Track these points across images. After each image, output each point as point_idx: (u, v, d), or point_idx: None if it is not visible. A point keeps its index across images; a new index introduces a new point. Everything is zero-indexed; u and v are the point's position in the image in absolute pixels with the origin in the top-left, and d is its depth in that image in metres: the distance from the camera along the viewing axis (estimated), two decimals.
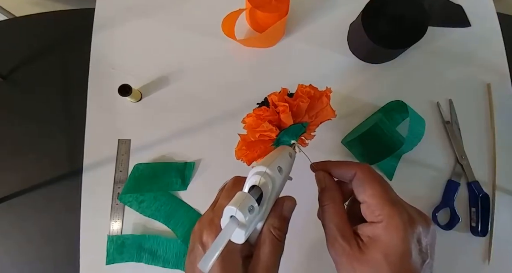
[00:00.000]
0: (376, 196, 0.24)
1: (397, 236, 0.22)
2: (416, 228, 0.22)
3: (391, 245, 0.22)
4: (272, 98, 0.31)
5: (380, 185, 0.24)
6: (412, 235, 0.22)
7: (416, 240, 0.22)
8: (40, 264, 0.46)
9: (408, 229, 0.22)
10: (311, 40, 0.51)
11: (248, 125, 0.31)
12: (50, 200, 0.47)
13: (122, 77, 0.49)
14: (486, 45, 0.53)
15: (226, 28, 0.47)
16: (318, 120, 0.35)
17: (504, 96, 0.51)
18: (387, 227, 0.22)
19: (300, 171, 0.32)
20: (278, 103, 0.30)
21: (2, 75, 0.50)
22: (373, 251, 0.22)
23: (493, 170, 0.48)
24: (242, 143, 0.33)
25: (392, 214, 0.22)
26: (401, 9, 0.45)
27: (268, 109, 0.31)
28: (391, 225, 0.22)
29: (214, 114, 0.48)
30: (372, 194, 0.24)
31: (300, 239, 0.45)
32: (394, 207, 0.23)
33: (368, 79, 0.50)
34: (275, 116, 0.31)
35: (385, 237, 0.22)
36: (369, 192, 0.24)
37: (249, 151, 0.33)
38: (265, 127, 0.30)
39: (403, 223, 0.22)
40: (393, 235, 0.22)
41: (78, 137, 0.47)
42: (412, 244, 0.22)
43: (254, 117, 0.31)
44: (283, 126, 0.32)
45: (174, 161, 0.47)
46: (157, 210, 0.45)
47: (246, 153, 0.33)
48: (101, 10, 0.51)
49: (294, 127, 0.32)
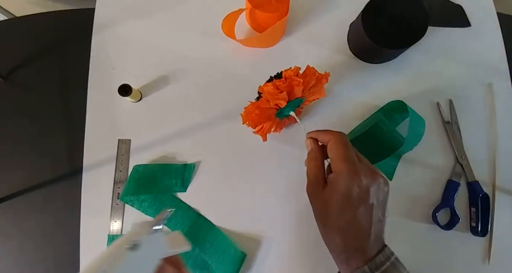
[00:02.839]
0: (337, 155, 0.32)
1: (342, 181, 0.31)
2: (358, 179, 0.31)
3: (339, 186, 0.31)
4: (288, 73, 0.36)
5: (343, 147, 0.33)
6: (352, 182, 0.31)
7: (357, 185, 0.31)
8: (40, 264, 0.46)
9: (351, 178, 0.31)
10: (311, 40, 0.51)
11: (268, 92, 0.37)
12: (50, 200, 0.47)
13: (122, 77, 0.49)
14: (486, 45, 0.53)
15: (226, 28, 0.47)
16: (312, 98, 0.42)
17: (504, 96, 0.51)
18: (338, 176, 0.31)
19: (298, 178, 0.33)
20: (294, 77, 0.36)
21: (2, 75, 0.50)
22: (329, 189, 0.32)
23: (493, 170, 0.48)
24: (250, 109, 0.38)
25: (342, 168, 0.31)
26: (401, 9, 0.45)
27: (285, 81, 0.36)
28: (341, 174, 0.31)
29: (214, 114, 0.48)
30: (335, 153, 0.33)
31: (295, 237, 0.45)
32: (346, 163, 0.31)
33: (368, 79, 0.50)
34: (288, 88, 0.37)
35: (336, 181, 0.32)
36: (333, 152, 0.33)
37: (257, 117, 0.38)
38: (281, 96, 0.36)
39: (348, 174, 0.31)
40: (340, 181, 0.31)
41: (78, 137, 0.47)
42: (353, 187, 0.31)
43: (272, 87, 0.36)
44: (290, 98, 0.38)
45: (175, 161, 0.47)
46: (157, 210, 0.45)
47: (253, 118, 0.38)
48: (101, 10, 0.51)
49: (295, 101, 0.39)
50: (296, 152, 0.47)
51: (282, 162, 0.47)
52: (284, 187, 0.46)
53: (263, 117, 0.39)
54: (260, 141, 0.44)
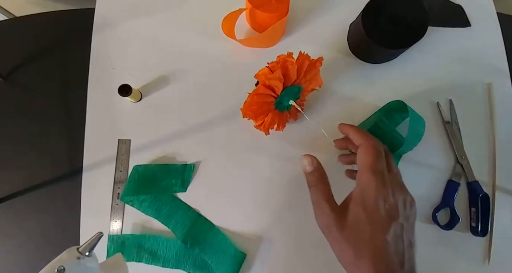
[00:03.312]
0: (366, 163, 0.29)
1: (369, 196, 0.28)
2: (386, 192, 0.28)
3: (366, 202, 0.27)
4: (283, 56, 0.37)
5: (373, 156, 0.29)
6: (379, 196, 0.27)
7: (384, 200, 0.27)
8: (40, 264, 0.46)
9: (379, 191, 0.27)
10: (311, 40, 0.51)
11: (262, 73, 0.37)
12: (50, 200, 0.47)
13: (122, 77, 0.49)
14: (486, 45, 0.53)
15: (226, 28, 0.47)
16: (310, 87, 0.42)
17: (504, 96, 0.51)
18: (364, 189, 0.28)
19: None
20: (287, 58, 0.37)
21: (2, 75, 0.50)
22: (353, 206, 0.28)
23: (493, 170, 0.48)
24: (250, 102, 0.38)
25: (370, 179, 0.28)
26: (401, 9, 0.45)
27: (278, 62, 0.37)
28: (368, 187, 0.28)
29: (214, 114, 0.48)
30: (364, 161, 0.29)
31: (295, 237, 0.45)
32: (374, 174, 0.28)
33: (368, 79, 0.50)
34: (283, 70, 0.37)
35: (362, 197, 0.28)
36: (361, 160, 0.30)
37: (256, 106, 0.38)
38: (276, 75, 0.36)
39: (376, 187, 0.27)
40: (367, 195, 0.28)
41: (78, 137, 0.47)
42: (380, 202, 0.27)
43: (267, 69, 0.37)
44: (286, 83, 0.38)
45: (175, 161, 0.47)
46: (157, 210, 0.45)
47: (253, 109, 0.39)
48: (101, 10, 0.51)
49: (292, 88, 0.40)
50: (297, 152, 0.47)
51: (283, 162, 0.47)
52: (285, 187, 0.46)
53: (263, 108, 0.39)
54: (260, 141, 0.44)
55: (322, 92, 0.49)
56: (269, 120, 0.41)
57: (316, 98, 0.49)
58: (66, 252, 0.28)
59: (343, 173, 0.43)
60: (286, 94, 0.39)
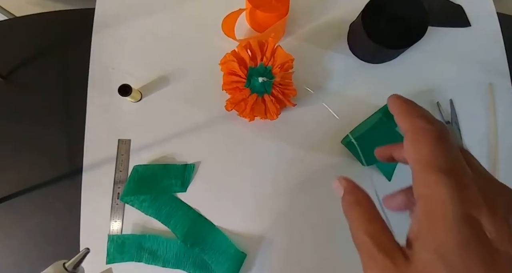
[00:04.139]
0: (420, 161, 0.15)
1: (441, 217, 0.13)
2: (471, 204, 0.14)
3: (438, 234, 0.14)
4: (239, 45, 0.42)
5: (430, 145, 0.15)
6: (464, 217, 0.13)
7: (469, 219, 0.14)
8: (41, 264, 0.46)
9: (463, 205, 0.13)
10: (311, 40, 0.51)
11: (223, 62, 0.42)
12: (50, 200, 0.47)
13: (122, 77, 0.49)
14: (486, 45, 0.53)
15: (226, 28, 0.47)
16: (278, 61, 0.42)
17: (504, 96, 0.51)
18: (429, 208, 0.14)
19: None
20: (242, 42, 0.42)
21: (2, 75, 0.50)
22: (420, 253, 0.14)
23: (493, 170, 0.48)
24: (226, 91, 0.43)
25: (435, 185, 0.14)
26: (401, 9, 0.45)
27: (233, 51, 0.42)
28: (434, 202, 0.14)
29: (214, 114, 0.48)
30: (416, 159, 0.16)
31: (295, 237, 0.45)
32: (441, 174, 0.14)
33: (368, 79, 0.50)
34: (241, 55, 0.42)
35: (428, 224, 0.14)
36: (411, 155, 0.16)
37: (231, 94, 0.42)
38: (230, 58, 0.41)
39: (451, 198, 0.13)
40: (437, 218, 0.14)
41: (78, 137, 0.47)
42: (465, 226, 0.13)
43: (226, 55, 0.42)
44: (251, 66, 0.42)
45: (175, 161, 0.47)
46: (157, 210, 0.45)
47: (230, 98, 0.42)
48: (101, 10, 0.51)
49: (258, 67, 0.42)
50: (297, 152, 0.47)
51: (283, 162, 0.47)
52: (285, 187, 0.46)
53: (238, 93, 0.42)
54: (260, 141, 0.44)
55: (322, 92, 0.49)
56: (248, 104, 0.42)
57: (316, 98, 0.49)
58: (52, 267, 0.29)
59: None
60: (254, 74, 0.42)
